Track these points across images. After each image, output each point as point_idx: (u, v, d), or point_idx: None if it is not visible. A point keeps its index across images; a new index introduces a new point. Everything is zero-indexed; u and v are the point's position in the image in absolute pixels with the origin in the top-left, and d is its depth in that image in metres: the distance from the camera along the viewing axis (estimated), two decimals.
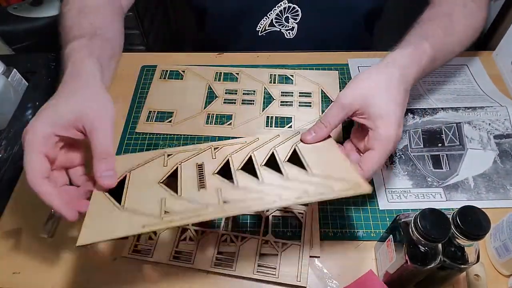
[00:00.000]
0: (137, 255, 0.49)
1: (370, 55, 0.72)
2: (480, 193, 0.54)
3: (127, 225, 0.37)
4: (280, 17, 0.74)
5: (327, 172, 0.42)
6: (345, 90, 0.46)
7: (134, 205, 0.39)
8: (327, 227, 0.51)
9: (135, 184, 0.42)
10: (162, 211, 0.38)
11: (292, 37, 0.77)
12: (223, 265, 0.48)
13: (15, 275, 0.49)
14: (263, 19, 0.75)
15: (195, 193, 0.41)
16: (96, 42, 0.50)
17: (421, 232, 0.36)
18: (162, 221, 0.37)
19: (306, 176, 0.42)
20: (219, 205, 0.39)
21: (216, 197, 0.40)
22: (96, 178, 0.40)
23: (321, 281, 0.47)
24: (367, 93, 0.44)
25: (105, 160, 0.40)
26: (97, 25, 0.54)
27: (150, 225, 0.37)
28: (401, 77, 0.46)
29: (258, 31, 0.77)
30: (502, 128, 0.58)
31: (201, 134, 0.62)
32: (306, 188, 0.40)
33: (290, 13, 0.73)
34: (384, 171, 0.56)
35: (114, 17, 0.59)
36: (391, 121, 0.43)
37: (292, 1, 0.71)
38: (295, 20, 0.74)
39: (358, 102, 0.44)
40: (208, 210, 0.38)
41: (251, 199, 0.40)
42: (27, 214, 0.53)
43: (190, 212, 0.38)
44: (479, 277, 0.45)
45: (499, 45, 0.69)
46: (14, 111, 0.66)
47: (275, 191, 0.40)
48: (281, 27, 0.76)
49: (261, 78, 0.69)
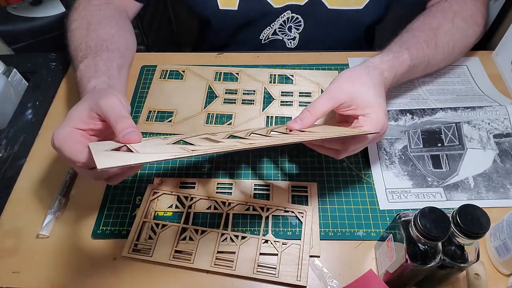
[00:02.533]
0: (137, 255, 0.49)
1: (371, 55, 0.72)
2: (480, 193, 0.54)
3: (153, 156, 0.37)
4: (284, 27, 0.74)
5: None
6: (333, 84, 0.49)
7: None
8: (327, 226, 0.51)
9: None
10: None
11: (294, 47, 0.78)
12: (223, 264, 0.48)
13: (15, 275, 0.49)
14: (266, 28, 0.75)
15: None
16: (102, 56, 0.54)
17: (421, 231, 0.36)
18: (186, 152, 0.37)
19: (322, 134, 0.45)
20: (241, 139, 0.41)
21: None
22: (120, 139, 0.39)
23: (321, 281, 0.47)
24: (354, 89, 0.48)
25: (121, 120, 0.39)
26: (105, 37, 0.57)
27: (176, 152, 0.36)
28: (381, 80, 0.50)
29: (261, 40, 0.77)
30: (501, 127, 0.58)
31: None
32: (323, 134, 0.43)
33: (293, 23, 0.73)
34: (384, 171, 0.56)
35: (121, 26, 0.62)
36: (381, 109, 0.47)
37: (296, 12, 0.72)
38: (298, 30, 0.75)
39: (346, 95, 0.47)
40: (229, 143, 0.39)
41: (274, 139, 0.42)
42: (27, 214, 0.53)
43: (211, 147, 0.38)
44: (479, 276, 0.46)
45: (499, 45, 0.69)
46: (14, 110, 0.66)
47: (296, 137, 0.43)
48: (283, 36, 0.76)
49: (261, 78, 0.69)
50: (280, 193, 0.55)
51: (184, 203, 0.54)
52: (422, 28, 0.59)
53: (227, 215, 0.52)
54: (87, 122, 0.41)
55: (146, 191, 0.55)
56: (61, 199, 0.54)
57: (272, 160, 0.58)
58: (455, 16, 0.60)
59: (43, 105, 0.66)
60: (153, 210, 0.53)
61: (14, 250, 0.50)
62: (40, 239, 0.51)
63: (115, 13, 0.63)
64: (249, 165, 0.58)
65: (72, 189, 0.56)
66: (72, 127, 0.41)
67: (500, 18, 0.68)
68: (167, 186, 0.56)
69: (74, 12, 0.60)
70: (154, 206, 0.53)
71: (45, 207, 0.53)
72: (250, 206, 0.53)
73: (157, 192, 0.55)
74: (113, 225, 0.52)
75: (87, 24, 0.58)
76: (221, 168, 0.58)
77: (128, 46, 0.62)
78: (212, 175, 0.57)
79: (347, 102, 0.47)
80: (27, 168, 0.58)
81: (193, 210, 0.53)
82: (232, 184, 0.56)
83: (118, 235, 0.51)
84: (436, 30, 0.58)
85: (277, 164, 0.58)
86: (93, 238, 0.51)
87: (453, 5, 0.61)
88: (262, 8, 0.71)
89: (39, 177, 0.57)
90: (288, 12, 0.72)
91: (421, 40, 0.56)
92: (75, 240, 0.51)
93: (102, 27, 0.58)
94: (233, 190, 0.55)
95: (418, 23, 0.60)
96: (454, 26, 0.59)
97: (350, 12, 0.71)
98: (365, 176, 0.56)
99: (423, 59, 0.56)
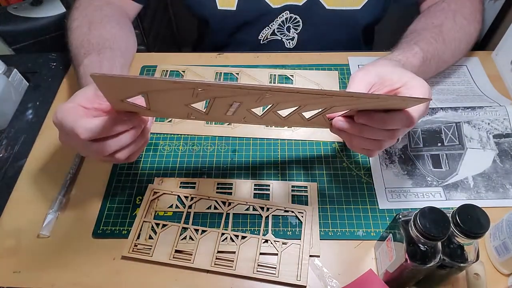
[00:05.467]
0: (137, 255, 0.49)
1: (371, 55, 0.72)
2: (479, 192, 0.54)
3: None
4: (282, 27, 0.74)
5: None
6: (352, 77, 0.44)
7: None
8: (327, 226, 0.52)
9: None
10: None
11: (292, 47, 0.78)
12: (223, 264, 0.48)
13: (15, 274, 0.49)
14: (265, 28, 0.75)
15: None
16: (105, 54, 0.53)
17: (421, 231, 0.36)
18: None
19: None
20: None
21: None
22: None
23: (321, 281, 0.47)
24: (380, 69, 0.44)
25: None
26: (107, 36, 0.57)
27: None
28: (401, 66, 0.47)
29: (260, 40, 0.77)
30: (501, 127, 0.58)
31: (201, 134, 0.62)
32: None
33: (292, 23, 0.73)
34: (384, 171, 0.56)
35: (122, 26, 0.63)
36: (418, 78, 0.42)
37: (294, 12, 0.72)
38: (296, 31, 0.75)
39: (374, 75, 0.43)
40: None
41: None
42: (27, 214, 0.54)
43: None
44: (479, 276, 0.46)
45: (499, 45, 0.69)
46: (14, 110, 0.66)
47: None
48: (282, 36, 0.76)
49: (261, 78, 0.69)
50: (280, 193, 0.55)
51: (184, 203, 0.54)
52: (425, 27, 0.58)
53: (227, 215, 0.52)
54: (92, 101, 0.41)
55: (147, 191, 0.55)
56: (61, 199, 0.54)
57: (272, 160, 0.59)
58: (455, 14, 0.60)
59: (44, 105, 0.66)
60: (154, 210, 0.53)
61: (15, 250, 0.51)
62: (41, 239, 0.51)
63: (116, 13, 0.63)
64: (249, 165, 0.58)
65: (73, 189, 0.56)
66: (77, 103, 0.40)
67: (500, 18, 0.68)
68: (167, 186, 0.56)
69: (75, 12, 0.60)
70: (155, 206, 0.54)
71: (45, 207, 0.54)
72: (250, 206, 0.53)
73: (157, 192, 0.55)
74: (114, 225, 0.52)
75: (89, 23, 0.58)
76: (221, 168, 0.58)
77: (129, 46, 0.62)
78: (212, 175, 0.57)
79: (377, 82, 0.42)
80: (27, 168, 0.58)
81: (193, 210, 0.53)
82: (232, 184, 0.56)
83: (119, 235, 0.51)
84: (440, 27, 0.57)
85: (277, 164, 0.58)
86: (93, 238, 0.51)
87: (451, 4, 0.61)
88: (260, 8, 0.71)
89: (39, 177, 0.57)
90: (287, 12, 0.72)
91: (429, 37, 0.55)
92: (75, 240, 0.51)
93: (104, 26, 0.58)
94: (233, 190, 0.55)
95: (420, 24, 0.60)
96: (456, 24, 0.59)
97: (348, 12, 0.71)
98: (365, 176, 0.56)
99: (435, 53, 0.54)
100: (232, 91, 0.33)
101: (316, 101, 0.36)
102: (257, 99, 0.35)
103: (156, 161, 0.59)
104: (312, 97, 0.34)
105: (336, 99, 0.35)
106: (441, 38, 0.56)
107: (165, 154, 0.60)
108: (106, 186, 0.56)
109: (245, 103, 0.37)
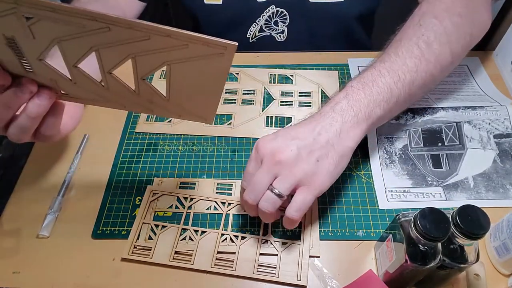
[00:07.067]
0: (137, 255, 0.49)
1: (371, 55, 0.72)
2: (479, 193, 0.54)
3: None
4: (269, 22, 0.75)
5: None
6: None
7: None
8: (326, 226, 0.51)
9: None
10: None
11: (284, 40, 0.78)
12: (223, 265, 0.48)
13: (15, 275, 0.49)
14: (252, 25, 0.75)
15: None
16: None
17: (421, 231, 0.36)
18: None
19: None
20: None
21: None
22: None
23: (321, 281, 0.47)
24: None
25: None
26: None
27: None
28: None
29: (248, 38, 0.77)
30: (502, 127, 0.58)
31: (201, 134, 0.62)
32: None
33: (279, 17, 0.73)
34: (384, 170, 0.56)
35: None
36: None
37: (280, 6, 0.72)
38: (284, 24, 0.75)
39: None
40: None
41: None
42: (27, 214, 0.53)
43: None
44: (479, 276, 0.46)
45: (499, 45, 0.69)
46: None
47: None
48: (271, 31, 0.76)
49: (261, 78, 0.69)
50: None
51: (184, 203, 0.54)
52: (411, 36, 0.49)
53: (227, 215, 0.52)
54: None
55: (146, 191, 0.55)
56: (61, 199, 0.54)
57: None
58: (448, 14, 0.51)
59: None
60: (153, 210, 0.53)
61: (14, 250, 0.51)
62: (40, 239, 0.51)
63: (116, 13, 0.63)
64: None
65: (72, 189, 0.56)
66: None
67: (500, 18, 0.68)
68: (167, 186, 0.56)
69: (76, 3, 0.60)
70: (154, 207, 0.53)
71: (45, 207, 0.53)
72: None
73: (157, 193, 0.55)
74: (113, 225, 0.52)
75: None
76: (221, 168, 0.58)
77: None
78: (212, 175, 0.57)
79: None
80: (27, 168, 0.58)
81: (193, 210, 0.53)
82: (232, 184, 0.56)
83: (118, 235, 0.51)
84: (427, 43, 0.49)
85: None
86: (93, 239, 0.51)
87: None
88: (246, 2, 0.71)
89: (39, 177, 0.57)
90: (272, 6, 0.72)
91: (408, 62, 0.47)
92: (75, 240, 0.51)
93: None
94: (233, 190, 0.55)
95: (407, 31, 0.51)
96: (446, 30, 0.50)
97: (332, 5, 0.71)
98: (365, 176, 0.56)
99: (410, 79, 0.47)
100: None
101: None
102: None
103: (155, 161, 0.59)
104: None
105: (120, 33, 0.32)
106: (424, 59, 0.48)
107: (164, 154, 0.60)
108: (106, 187, 0.56)
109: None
